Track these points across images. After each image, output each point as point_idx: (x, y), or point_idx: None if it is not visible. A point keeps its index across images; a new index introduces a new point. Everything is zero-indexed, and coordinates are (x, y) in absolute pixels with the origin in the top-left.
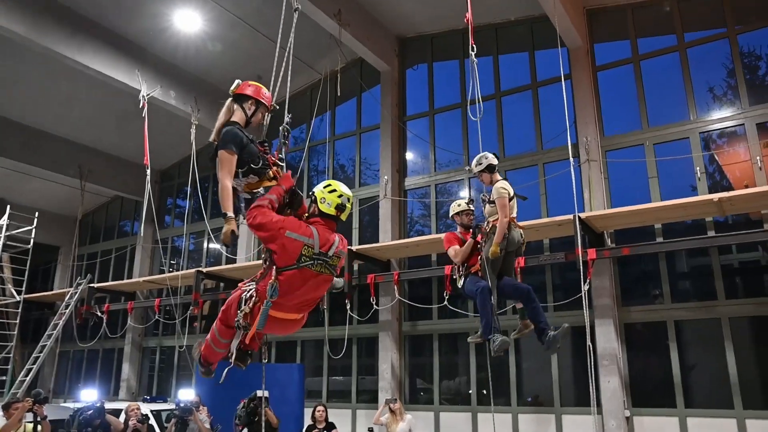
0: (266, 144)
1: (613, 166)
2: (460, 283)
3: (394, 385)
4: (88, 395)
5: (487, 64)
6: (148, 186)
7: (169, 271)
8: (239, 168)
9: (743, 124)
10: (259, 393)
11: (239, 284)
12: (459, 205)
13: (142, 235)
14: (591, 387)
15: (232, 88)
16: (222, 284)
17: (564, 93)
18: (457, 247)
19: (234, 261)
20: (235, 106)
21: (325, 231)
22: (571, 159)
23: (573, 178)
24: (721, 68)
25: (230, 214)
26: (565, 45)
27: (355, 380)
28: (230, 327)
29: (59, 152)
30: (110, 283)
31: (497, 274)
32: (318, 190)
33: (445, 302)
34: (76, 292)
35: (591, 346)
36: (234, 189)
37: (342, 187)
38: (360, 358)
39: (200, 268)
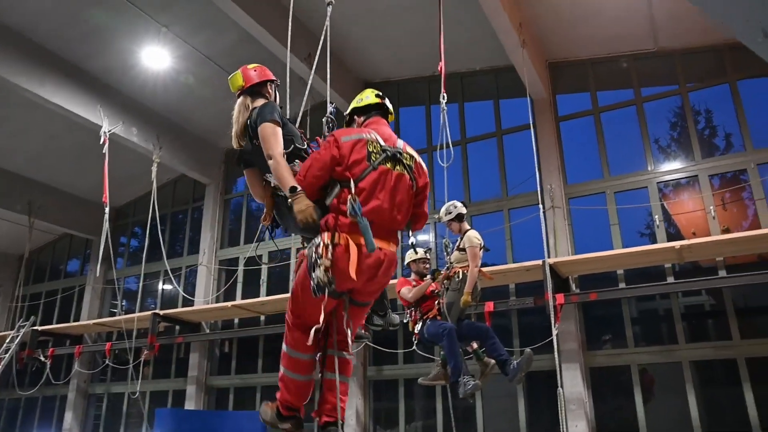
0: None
1: (576, 212)
2: (416, 328)
3: (359, 431)
4: None
5: (454, 111)
6: (107, 224)
7: (121, 314)
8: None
9: (696, 175)
10: None
11: (298, 255)
12: (416, 253)
13: (97, 275)
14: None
15: (235, 86)
16: (178, 327)
17: (533, 141)
18: (410, 287)
19: (191, 303)
20: (250, 100)
21: (383, 129)
22: (541, 206)
23: (543, 224)
24: (675, 122)
25: (298, 186)
26: (530, 95)
27: (316, 427)
28: (306, 327)
29: (6, 186)
30: (58, 325)
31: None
32: (350, 108)
33: (414, 347)
34: (17, 335)
35: (561, 391)
36: (268, 184)
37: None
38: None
39: (156, 311)
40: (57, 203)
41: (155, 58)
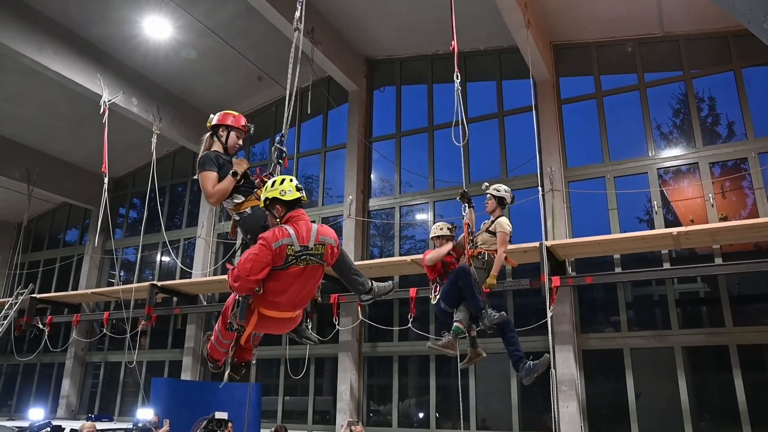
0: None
1: (575, 196)
2: (435, 300)
3: (353, 407)
4: (36, 414)
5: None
6: (105, 194)
7: (119, 284)
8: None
9: (697, 162)
10: (219, 415)
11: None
12: (441, 229)
13: (95, 245)
14: (554, 411)
15: (207, 122)
16: (175, 299)
17: (534, 123)
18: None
19: (189, 276)
20: (213, 138)
21: (302, 225)
22: (540, 188)
23: (542, 206)
24: (678, 109)
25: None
26: (533, 77)
27: (311, 400)
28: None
29: (4, 152)
30: (56, 293)
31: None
32: (270, 192)
33: (409, 325)
34: (16, 302)
35: (553, 372)
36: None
37: (284, 176)
38: (317, 378)
39: (154, 282)
40: (56, 172)
41: (156, 28)
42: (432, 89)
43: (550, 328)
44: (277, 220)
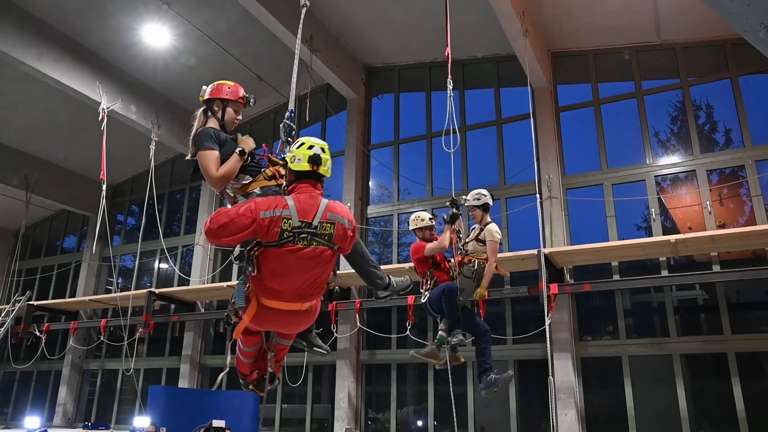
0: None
1: (573, 203)
2: (425, 298)
3: (351, 414)
4: (32, 422)
5: (454, 99)
6: (103, 201)
7: (117, 291)
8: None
9: (694, 170)
10: (217, 423)
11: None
12: (422, 220)
13: (93, 252)
14: (552, 419)
15: (200, 96)
16: (173, 306)
17: (532, 131)
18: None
19: (187, 283)
20: (208, 114)
21: (306, 198)
22: (538, 195)
23: (540, 214)
24: (675, 117)
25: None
26: (531, 85)
27: (309, 408)
28: (250, 332)
29: (2, 160)
30: (53, 301)
31: (461, 307)
32: (288, 153)
33: (407, 332)
34: (13, 310)
35: (552, 380)
36: (228, 194)
37: (312, 139)
38: (314, 386)
39: (152, 289)
40: (54, 179)
41: (156, 35)
42: (430, 96)
43: (548, 336)
44: (283, 189)
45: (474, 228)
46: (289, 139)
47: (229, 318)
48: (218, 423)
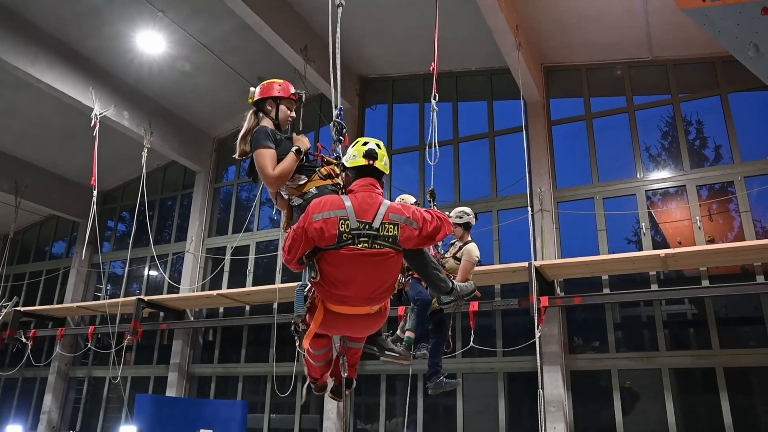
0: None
1: (564, 217)
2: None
3: (339, 425)
4: (13, 431)
5: (447, 110)
6: (94, 207)
7: (105, 298)
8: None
9: (684, 185)
10: None
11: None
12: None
13: (82, 258)
14: None
15: (249, 97)
16: (162, 314)
17: (524, 144)
18: None
19: (177, 290)
20: (260, 115)
21: (364, 197)
22: (530, 208)
23: (531, 226)
24: (666, 132)
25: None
26: (523, 98)
27: (298, 419)
28: (318, 335)
29: None
30: (41, 307)
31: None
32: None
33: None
34: None
35: (541, 392)
36: (283, 197)
37: (366, 138)
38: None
39: (141, 296)
40: (44, 184)
41: (150, 42)
42: (423, 108)
43: (538, 349)
44: (341, 189)
45: (454, 243)
46: (340, 137)
47: (297, 326)
48: None
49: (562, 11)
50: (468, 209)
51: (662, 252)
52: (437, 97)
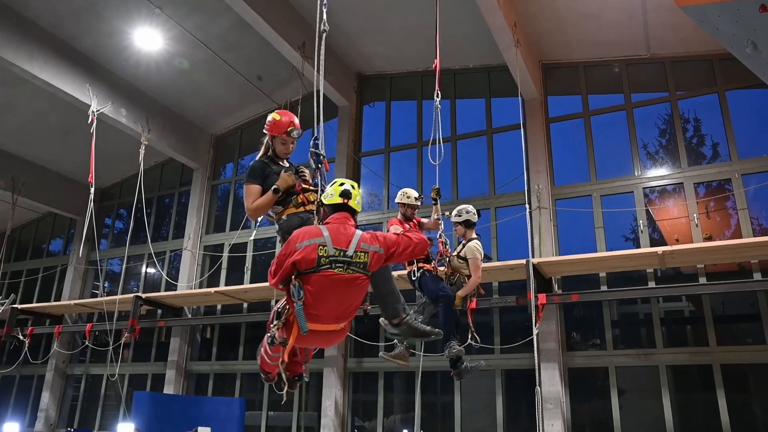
0: (301, 172)
1: (562, 214)
2: (414, 276)
3: (337, 423)
4: (11, 428)
5: (445, 108)
6: (91, 204)
7: (103, 295)
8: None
9: (682, 182)
10: (202, 430)
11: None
12: (408, 197)
13: (80, 255)
14: (539, 429)
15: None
16: (160, 311)
17: (522, 141)
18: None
19: (174, 288)
20: (268, 144)
21: (338, 227)
22: (528, 205)
23: (529, 224)
24: (664, 129)
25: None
26: (521, 95)
27: (295, 416)
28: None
29: None
30: (38, 304)
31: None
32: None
33: (395, 340)
34: None
35: (539, 390)
36: (270, 216)
37: (344, 179)
38: (301, 394)
39: (139, 293)
40: (41, 181)
41: (148, 39)
42: (421, 105)
43: (536, 346)
44: (319, 223)
45: (461, 242)
46: (319, 165)
47: (274, 340)
48: (203, 430)
49: (560, 9)
50: (469, 207)
51: (660, 249)
52: (440, 95)
